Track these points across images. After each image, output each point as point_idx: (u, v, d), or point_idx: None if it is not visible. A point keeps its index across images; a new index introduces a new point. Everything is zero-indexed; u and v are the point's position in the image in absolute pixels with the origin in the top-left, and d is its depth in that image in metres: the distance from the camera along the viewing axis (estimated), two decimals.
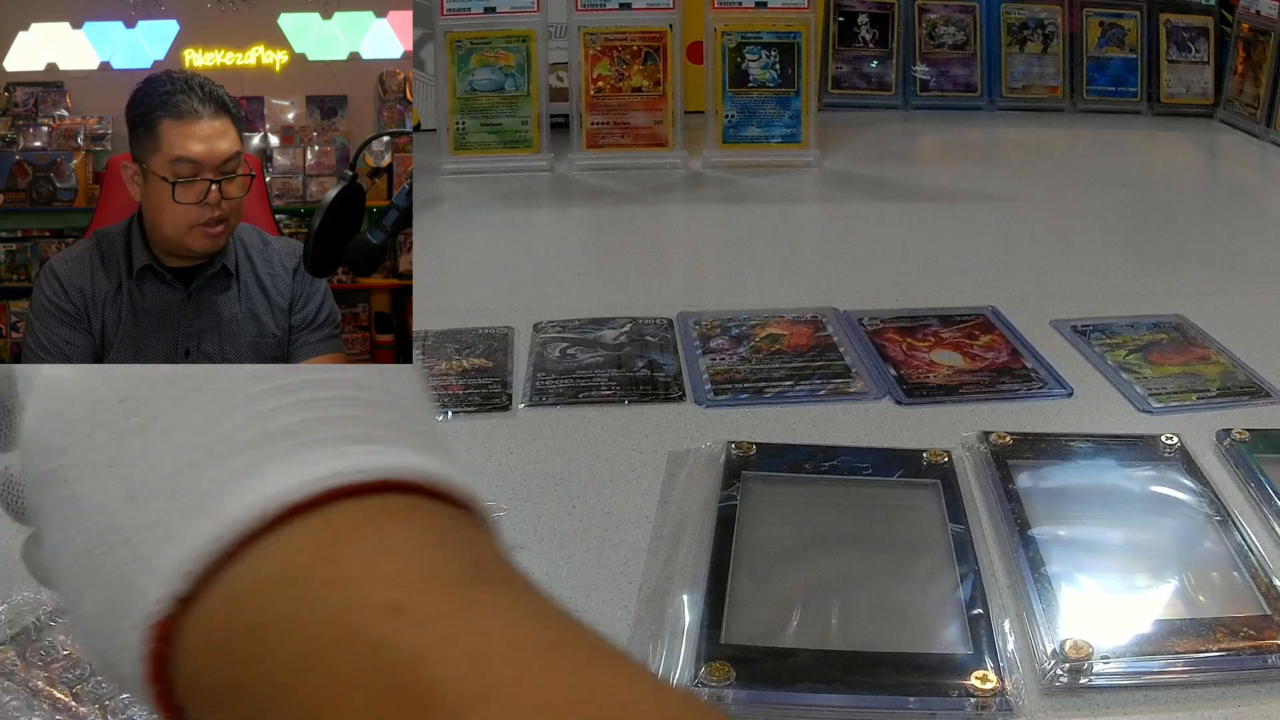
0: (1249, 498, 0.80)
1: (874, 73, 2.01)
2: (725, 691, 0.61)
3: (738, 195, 1.60)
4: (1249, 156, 1.82)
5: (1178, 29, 1.98)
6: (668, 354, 1.05)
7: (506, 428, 0.93)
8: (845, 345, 1.06)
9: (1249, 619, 0.66)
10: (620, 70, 1.67)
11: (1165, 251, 1.41)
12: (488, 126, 1.67)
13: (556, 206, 1.59)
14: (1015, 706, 0.60)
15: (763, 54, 1.68)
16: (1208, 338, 1.08)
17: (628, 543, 0.76)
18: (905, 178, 1.70)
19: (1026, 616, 0.67)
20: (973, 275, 1.29)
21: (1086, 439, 0.87)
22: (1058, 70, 1.99)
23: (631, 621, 0.68)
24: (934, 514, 0.78)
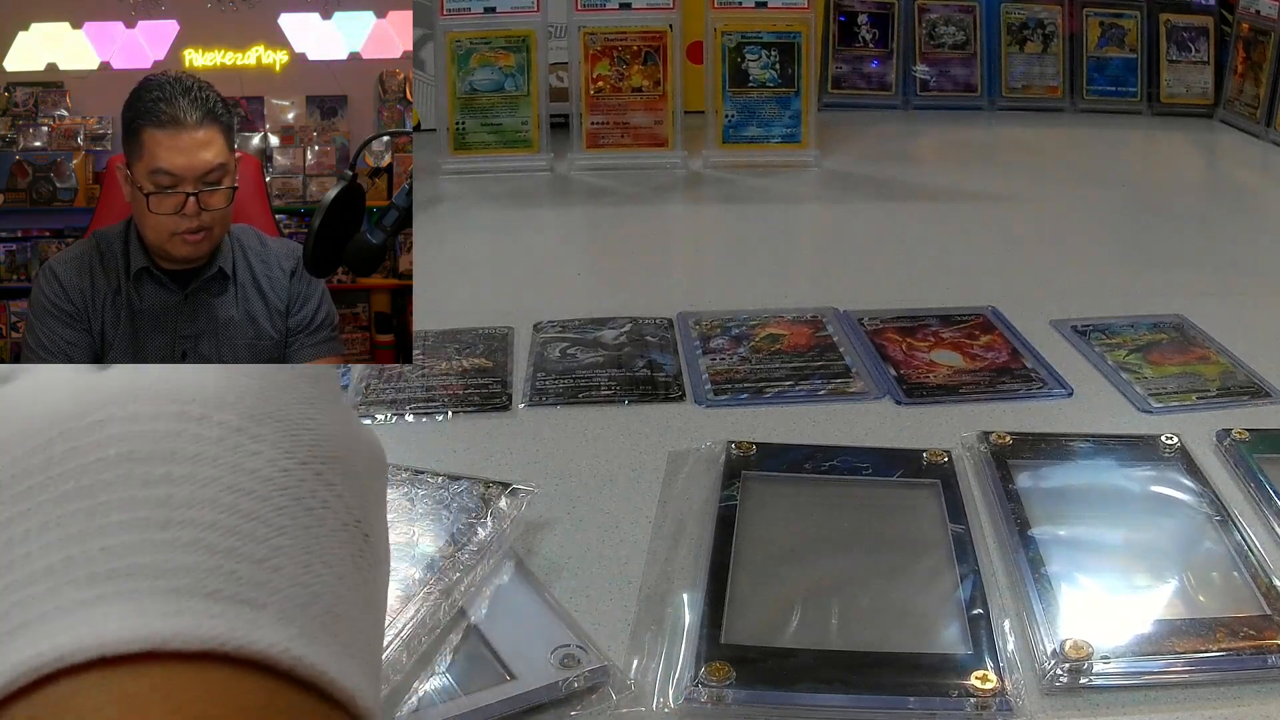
0: (1249, 498, 0.80)
1: (874, 73, 2.01)
2: (725, 691, 0.61)
3: (738, 195, 1.60)
4: (1249, 156, 1.82)
5: (1178, 29, 1.98)
6: (668, 354, 1.05)
7: (506, 428, 0.93)
8: (845, 345, 1.06)
9: (1249, 619, 0.66)
10: (620, 70, 1.67)
11: (1165, 251, 1.41)
12: (488, 126, 1.67)
13: (556, 206, 1.59)
14: (1015, 706, 0.60)
15: (763, 54, 1.68)
16: (1208, 338, 1.08)
17: (627, 543, 0.76)
18: (905, 178, 1.70)
19: (1026, 616, 0.67)
20: (973, 275, 1.29)
21: (1086, 439, 0.87)
22: (1058, 70, 1.99)
23: (631, 621, 0.68)
24: (934, 514, 0.78)
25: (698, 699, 0.61)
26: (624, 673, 0.63)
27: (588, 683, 0.62)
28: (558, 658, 0.62)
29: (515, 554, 0.73)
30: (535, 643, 0.64)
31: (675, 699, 0.61)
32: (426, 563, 0.68)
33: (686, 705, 0.61)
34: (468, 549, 0.70)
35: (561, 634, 0.65)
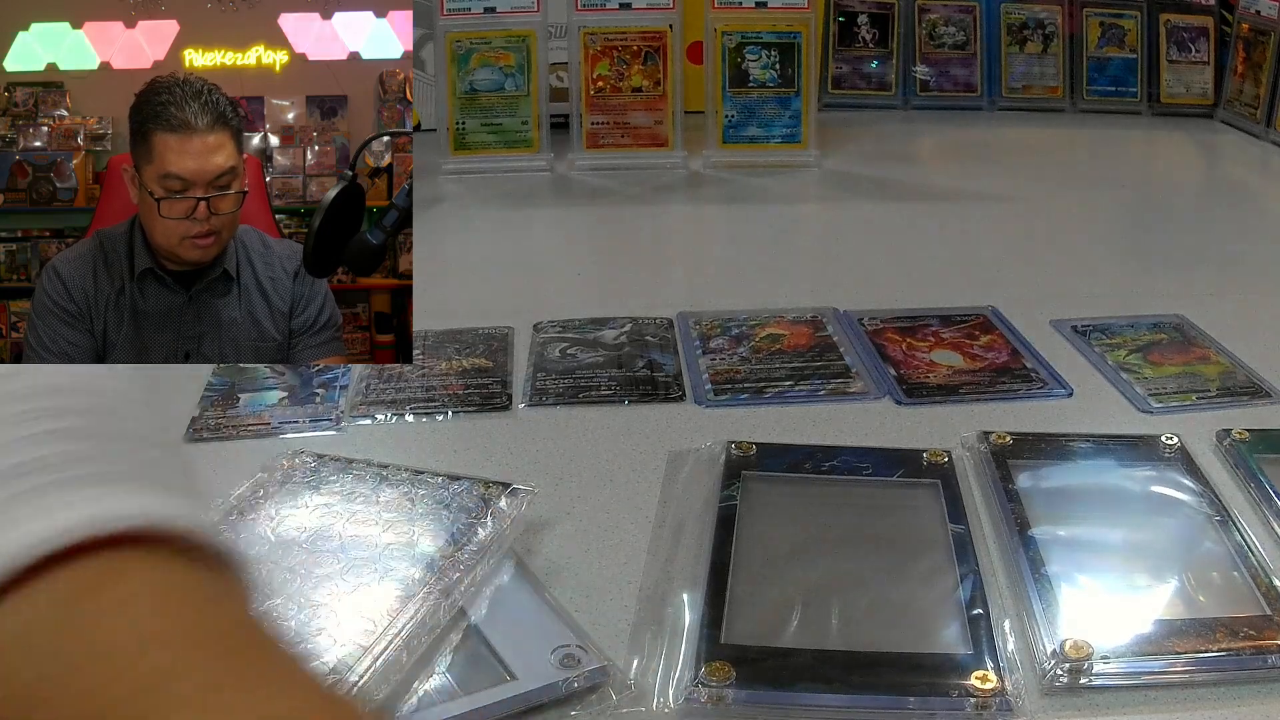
0: (1249, 498, 0.80)
1: (874, 73, 2.01)
2: (725, 691, 0.61)
3: (738, 195, 1.60)
4: (1249, 156, 1.82)
5: (1178, 29, 1.98)
6: (668, 354, 1.05)
7: (506, 428, 0.93)
8: (845, 345, 1.06)
9: (1249, 619, 0.66)
10: (620, 70, 1.67)
11: (1165, 251, 1.41)
12: (488, 126, 1.67)
13: (556, 206, 1.59)
14: (1015, 706, 0.60)
15: (763, 54, 1.68)
16: (1208, 338, 1.08)
17: (628, 543, 0.76)
18: (905, 178, 1.70)
19: (1026, 616, 0.67)
20: (973, 275, 1.29)
21: (1086, 439, 0.87)
22: (1058, 70, 1.99)
23: (631, 621, 0.68)
24: (934, 514, 0.78)
25: (698, 699, 0.61)
26: (624, 673, 0.63)
27: (588, 682, 0.62)
28: (558, 658, 0.63)
29: (515, 554, 0.73)
30: (535, 643, 0.64)
31: (675, 699, 0.62)
32: (426, 563, 0.68)
33: (686, 705, 0.61)
34: (468, 549, 0.70)
35: (562, 634, 0.65)
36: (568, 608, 0.68)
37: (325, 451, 0.82)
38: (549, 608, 0.68)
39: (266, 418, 0.93)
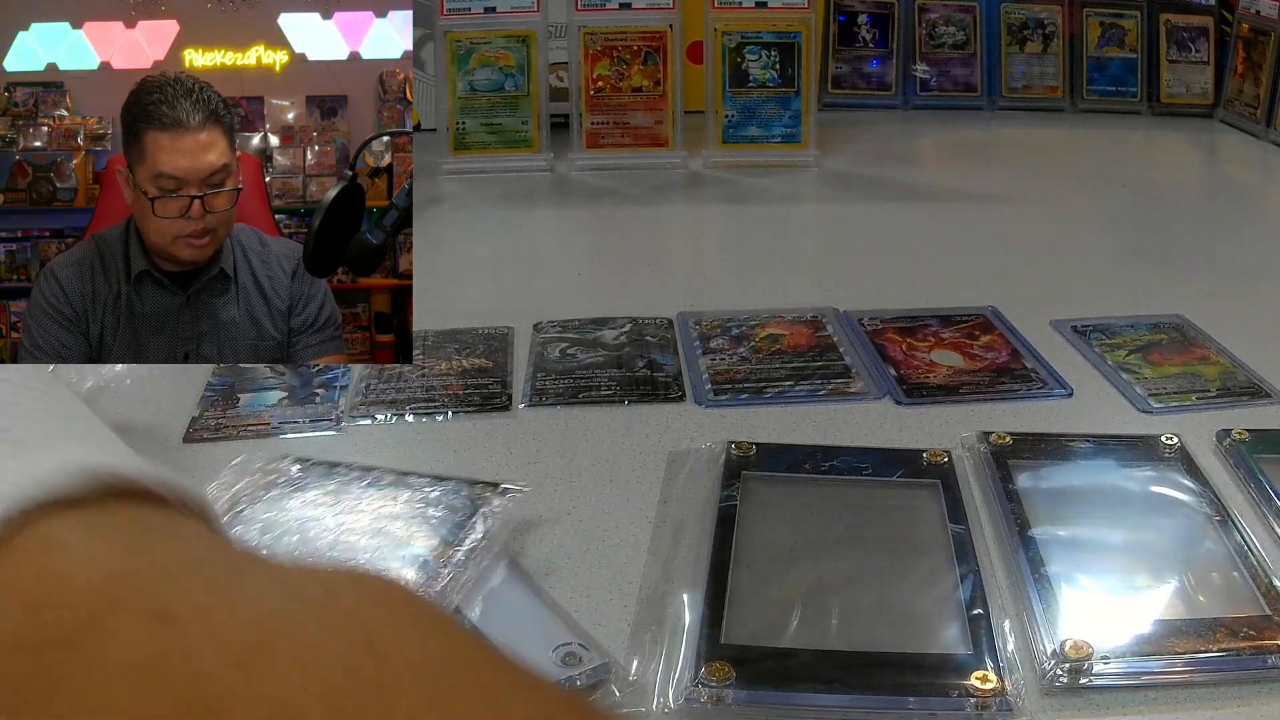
0: (1249, 498, 0.80)
1: (874, 73, 2.01)
2: (725, 692, 0.61)
3: (738, 195, 1.60)
4: (1249, 156, 1.82)
5: (1178, 29, 1.98)
6: (668, 354, 1.05)
7: (506, 428, 0.93)
8: (845, 345, 1.06)
9: (1249, 619, 0.66)
10: (620, 70, 1.67)
11: (1165, 251, 1.41)
12: (488, 126, 1.67)
13: (556, 206, 1.59)
14: (1015, 707, 0.60)
15: (763, 54, 1.68)
16: (1208, 338, 1.08)
17: (628, 543, 0.76)
18: (905, 178, 1.70)
19: (1026, 617, 0.67)
20: (973, 275, 1.29)
21: (1086, 439, 0.87)
22: (1058, 70, 1.99)
23: (631, 621, 0.68)
24: (934, 514, 0.78)
25: (698, 699, 0.61)
26: (625, 669, 0.63)
27: (590, 680, 0.62)
28: (559, 656, 0.63)
29: (513, 554, 0.73)
30: (536, 642, 0.64)
31: (675, 699, 0.61)
32: (418, 564, 0.68)
33: (686, 705, 0.61)
34: (460, 550, 0.70)
35: (562, 633, 0.65)
36: (567, 608, 0.68)
37: (325, 452, 0.82)
38: (550, 608, 0.68)
39: (266, 418, 0.93)
